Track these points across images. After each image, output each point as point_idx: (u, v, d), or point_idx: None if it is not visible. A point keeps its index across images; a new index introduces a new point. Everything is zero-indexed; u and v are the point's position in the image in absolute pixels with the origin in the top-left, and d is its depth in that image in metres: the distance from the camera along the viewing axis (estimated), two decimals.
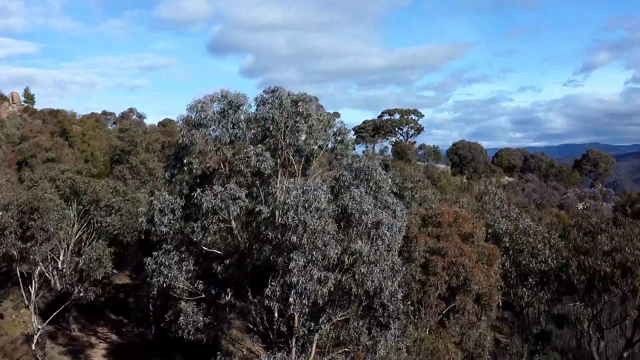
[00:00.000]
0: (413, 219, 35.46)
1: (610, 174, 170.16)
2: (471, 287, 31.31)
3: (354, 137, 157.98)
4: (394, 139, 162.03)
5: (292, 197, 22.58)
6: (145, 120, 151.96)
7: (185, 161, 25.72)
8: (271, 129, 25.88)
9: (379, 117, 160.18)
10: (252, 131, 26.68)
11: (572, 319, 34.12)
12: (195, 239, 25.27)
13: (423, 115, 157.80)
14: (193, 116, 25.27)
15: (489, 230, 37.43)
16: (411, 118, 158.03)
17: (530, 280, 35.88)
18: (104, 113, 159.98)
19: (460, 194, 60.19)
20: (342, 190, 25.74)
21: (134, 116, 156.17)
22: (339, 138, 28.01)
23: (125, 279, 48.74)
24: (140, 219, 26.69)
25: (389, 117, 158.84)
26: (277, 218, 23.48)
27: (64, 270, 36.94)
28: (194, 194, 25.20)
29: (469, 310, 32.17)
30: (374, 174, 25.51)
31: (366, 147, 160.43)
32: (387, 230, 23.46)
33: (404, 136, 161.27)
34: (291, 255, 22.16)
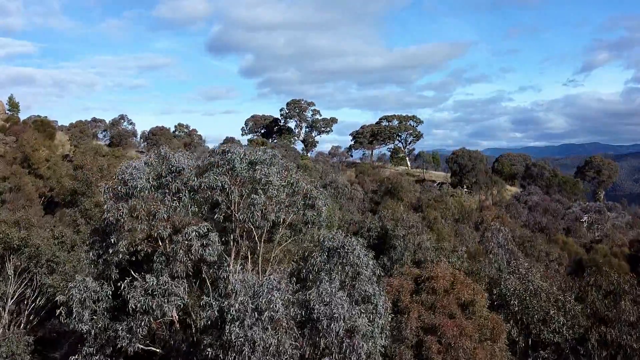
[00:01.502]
0: (404, 282, 30.29)
1: (613, 180, 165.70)
2: None
3: (352, 141, 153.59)
4: (392, 145, 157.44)
5: (238, 304, 17.31)
6: (136, 127, 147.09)
7: (112, 240, 20.44)
8: (220, 200, 20.59)
9: (377, 123, 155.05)
10: (197, 203, 21.28)
11: None
12: (120, 345, 19.91)
13: (422, 122, 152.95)
14: (120, 187, 19.97)
15: (494, 291, 32.12)
16: (410, 124, 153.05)
17: (541, 352, 30.58)
18: (94, 120, 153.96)
19: (459, 225, 54.88)
20: (311, 275, 20.55)
21: (125, 122, 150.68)
22: (309, 202, 22.71)
23: None
24: (57, 311, 21.34)
25: (387, 123, 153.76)
26: (226, 324, 18.20)
27: None
28: (121, 284, 19.97)
29: None
30: (351, 257, 20.29)
31: (364, 153, 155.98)
32: (364, 341, 18.23)
33: (402, 143, 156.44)
34: None
